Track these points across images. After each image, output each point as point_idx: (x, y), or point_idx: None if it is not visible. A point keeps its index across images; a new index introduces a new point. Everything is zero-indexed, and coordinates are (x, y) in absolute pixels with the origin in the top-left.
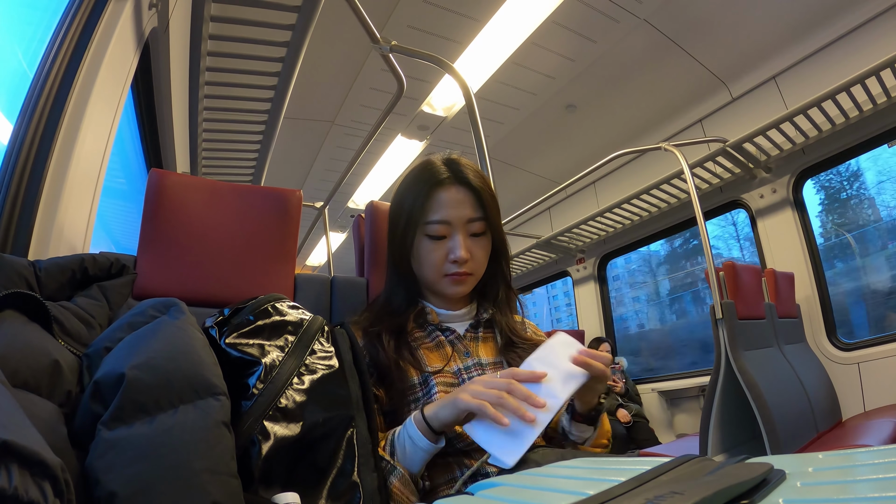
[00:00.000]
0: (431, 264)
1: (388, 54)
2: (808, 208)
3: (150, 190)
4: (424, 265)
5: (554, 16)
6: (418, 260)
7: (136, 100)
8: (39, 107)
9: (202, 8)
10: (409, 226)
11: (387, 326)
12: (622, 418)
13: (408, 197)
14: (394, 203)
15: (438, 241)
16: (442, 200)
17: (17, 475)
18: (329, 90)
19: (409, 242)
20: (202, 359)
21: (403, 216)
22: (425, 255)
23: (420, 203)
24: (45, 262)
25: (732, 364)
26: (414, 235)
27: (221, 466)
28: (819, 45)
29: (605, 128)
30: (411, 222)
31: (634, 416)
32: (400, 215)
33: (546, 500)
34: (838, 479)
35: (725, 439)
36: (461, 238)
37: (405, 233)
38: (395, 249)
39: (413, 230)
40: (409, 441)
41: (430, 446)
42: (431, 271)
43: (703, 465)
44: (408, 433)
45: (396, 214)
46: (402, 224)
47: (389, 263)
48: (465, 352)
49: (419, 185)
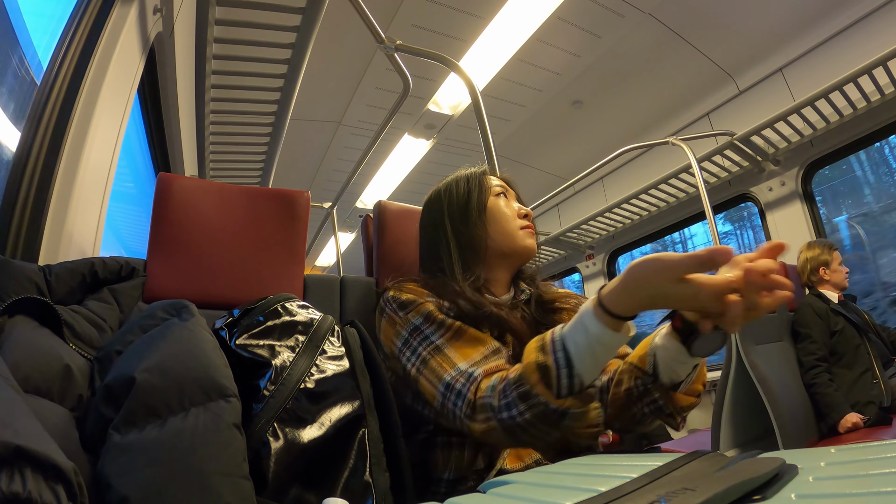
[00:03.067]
0: (509, 217)
1: (393, 54)
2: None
3: (159, 194)
4: (502, 219)
5: (559, 12)
6: (495, 217)
7: (142, 104)
8: (47, 113)
9: (206, 12)
10: (481, 188)
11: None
12: None
13: (461, 179)
14: (447, 186)
15: (507, 200)
16: (491, 178)
17: (31, 479)
18: (335, 90)
19: (484, 203)
20: (212, 361)
21: (469, 186)
22: (503, 209)
23: (478, 174)
24: (55, 267)
25: (743, 358)
26: (488, 196)
27: (233, 469)
28: (825, 36)
29: (611, 123)
30: (483, 186)
31: None
32: (461, 188)
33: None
34: (851, 473)
35: (737, 434)
36: (516, 202)
37: (480, 196)
38: (462, 219)
39: (486, 192)
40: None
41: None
42: (510, 224)
43: (714, 461)
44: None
45: (456, 189)
46: (468, 192)
47: (446, 246)
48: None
49: (470, 171)
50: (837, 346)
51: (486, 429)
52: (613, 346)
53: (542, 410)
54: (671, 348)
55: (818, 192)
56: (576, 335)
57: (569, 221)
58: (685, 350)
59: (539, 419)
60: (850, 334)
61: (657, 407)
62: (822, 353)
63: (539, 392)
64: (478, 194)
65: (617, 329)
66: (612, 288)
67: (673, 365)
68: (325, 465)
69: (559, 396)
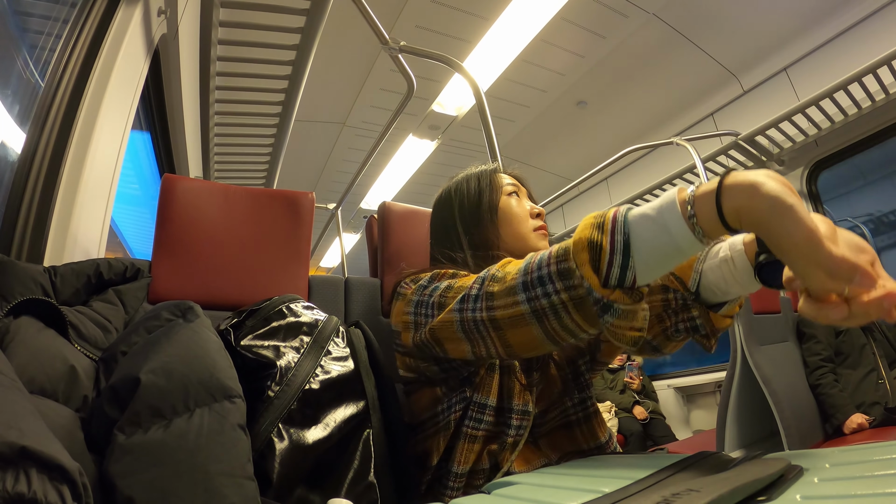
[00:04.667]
0: (522, 218)
1: (397, 55)
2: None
3: (164, 195)
4: (514, 221)
5: (563, 12)
6: (507, 218)
7: (147, 106)
8: (52, 115)
9: (211, 13)
10: (493, 187)
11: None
12: (639, 415)
13: (473, 175)
14: (458, 185)
15: (519, 199)
16: (504, 175)
17: (36, 480)
18: (339, 92)
19: (496, 202)
20: (217, 362)
21: (481, 186)
22: (515, 210)
23: (490, 172)
24: (60, 268)
25: (748, 359)
26: (499, 196)
27: (238, 469)
28: (830, 36)
29: (616, 124)
30: (494, 184)
31: (651, 413)
32: (471, 187)
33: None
34: (856, 474)
35: (742, 435)
36: (528, 200)
37: (492, 195)
38: (473, 220)
39: (497, 191)
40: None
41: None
42: (523, 225)
43: (719, 462)
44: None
45: (467, 187)
46: (479, 193)
47: (459, 247)
48: None
49: (481, 168)
50: (842, 347)
51: (511, 314)
52: (690, 253)
53: (581, 296)
54: (739, 266)
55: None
56: (647, 224)
57: (573, 222)
58: (753, 273)
59: (576, 306)
60: (856, 335)
61: (693, 326)
62: (827, 353)
63: (584, 274)
64: (489, 194)
65: (705, 238)
66: (736, 189)
67: (725, 284)
68: (330, 466)
69: (606, 286)
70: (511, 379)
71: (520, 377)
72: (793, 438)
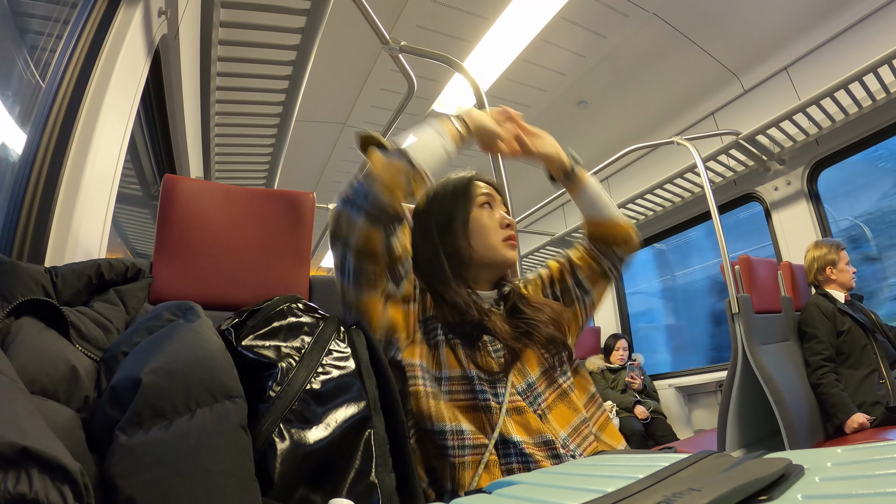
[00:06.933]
0: (493, 228)
1: (397, 55)
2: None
3: (165, 195)
4: (484, 231)
5: (563, 12)
6: (478, 229)
7: (147, 107)
8: (53, 115)
9: (211, 14)
10: (465, 199)
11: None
12: (640, 415)
13: (448, 186)
14: (434, 195)
15: (490, 210)
16: (478, 185)
17: (38, 480)
18: (340, 92)
19: (468, 214)
20: (218, 362)
21: (455, 195)
22: (486, 220)
23: (464, 183)
24: (61, 268)
25: (749, 359)
26: (471, 208)
27: (239, 470)
28: (830, 35)
29: (616, 123)
30: (467, 196)
31: (652, 413)
32: (446, 198)
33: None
34: (858, 473)
35: (743, 435)
36: (502, 209)
37: (464, 207)
38: (447, 230)
39: (469, 203)
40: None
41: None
42: (493, 236)
43: (720, 461)
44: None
45: (442, 199)
46: (453, 202)
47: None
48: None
49: (457, 178)
50: (844, 347)
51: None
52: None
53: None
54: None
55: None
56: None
57: (574, 222)
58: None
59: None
60: (857, 334)
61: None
62: (828, 353)
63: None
64: (462, 206)
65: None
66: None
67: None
68: (331, 466)
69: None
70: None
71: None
72: (794, 438)
